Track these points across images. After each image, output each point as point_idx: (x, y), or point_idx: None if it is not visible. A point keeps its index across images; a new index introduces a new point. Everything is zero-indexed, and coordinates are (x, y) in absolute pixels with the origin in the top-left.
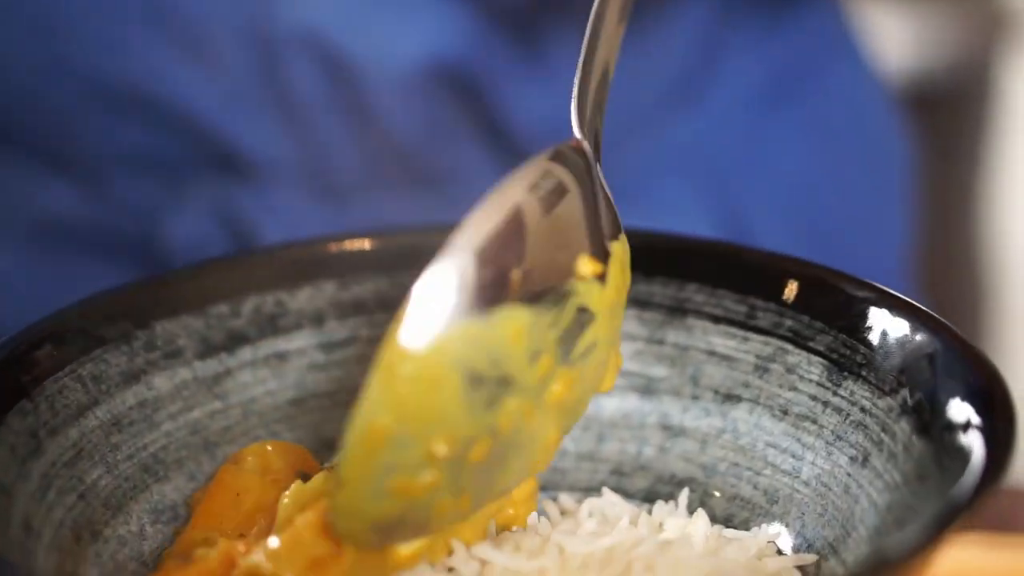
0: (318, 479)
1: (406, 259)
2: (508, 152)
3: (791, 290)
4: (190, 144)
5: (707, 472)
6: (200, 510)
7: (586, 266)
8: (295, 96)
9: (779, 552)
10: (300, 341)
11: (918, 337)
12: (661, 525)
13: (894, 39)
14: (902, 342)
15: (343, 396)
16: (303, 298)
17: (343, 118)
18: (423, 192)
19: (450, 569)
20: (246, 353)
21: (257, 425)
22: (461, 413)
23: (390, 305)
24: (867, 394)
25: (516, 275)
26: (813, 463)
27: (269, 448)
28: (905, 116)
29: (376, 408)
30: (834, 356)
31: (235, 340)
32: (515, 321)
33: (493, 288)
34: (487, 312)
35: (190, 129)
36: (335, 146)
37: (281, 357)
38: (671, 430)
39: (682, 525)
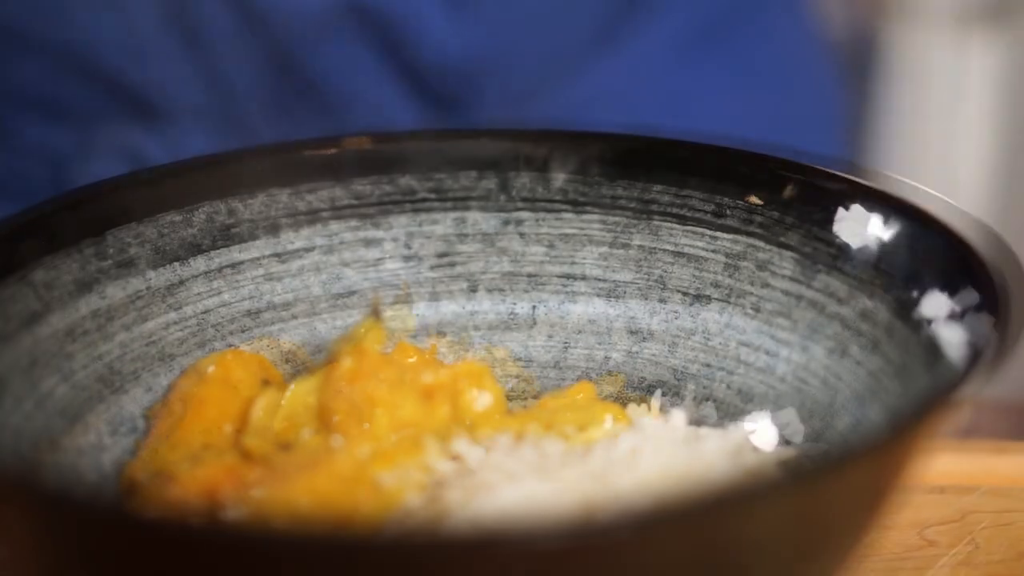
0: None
1: (360, 166)
2: (419, 90)
3: (760, 186)
4: (100, 90)
5: (678, 375)
6: (162, 424)
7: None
8: (205, 37)
9: (757, 449)
10: (255, 251)
11: (894, 226)
12: (636, 424)
13: None
14: (878, 231)
15: (300, 307)
16: (257, 206)
17: (254, 58)
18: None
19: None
20: (200, 263)
21: (214, 337)
22: None
23: (345, 214)
24: (843, 286)
25: None
26: (788, 359)
27: (230, 357)
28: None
29: None
30: (807, 250)
31: (188, 249)
32: None
33: None
34: None
35: (100, 74)
36: (246, 87)
37: (236, 267)
38: (639, 334)
39: (658, 424)
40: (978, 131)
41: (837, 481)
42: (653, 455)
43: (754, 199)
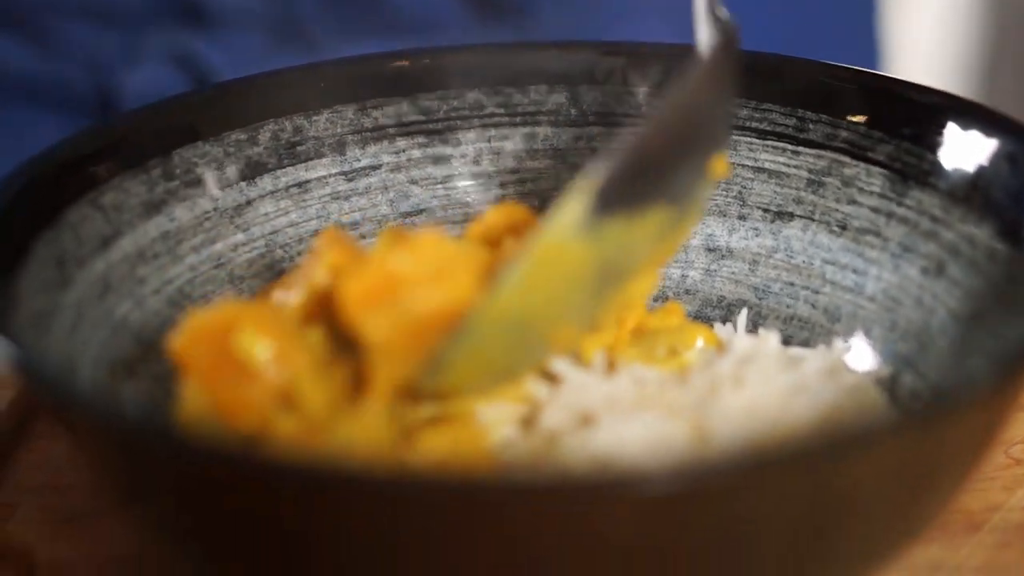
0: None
1: (428, 81)
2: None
3: (845, 99)
4: None
5: (759, 294)
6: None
7: (720, 168)
8: None
9: (853, 369)
10: (321, 169)
11: (993, 139)
12: (729, 347)
13: None
14: (975, 146)
15: (368, 227)
16: (322, 124)
17: None
18: (390, 40)
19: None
20: (267, 182)
21: (282, 258)
22: (583, 303)
23: (412, 131)
24: (938, 204)
25: (673, 173)
26: (879, 277)
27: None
28: None
29: (513, 289)
30: (897, 166)
31: (255, 168)
32: (657, 217)
33: (655, 185)
34: (643, 210)
35: None
36: None
37: (302, 186)
38: (717, 252)
39: (750, 345)
40: None
41: (954, 419)
42: (754, 379)
43: (844, 114)
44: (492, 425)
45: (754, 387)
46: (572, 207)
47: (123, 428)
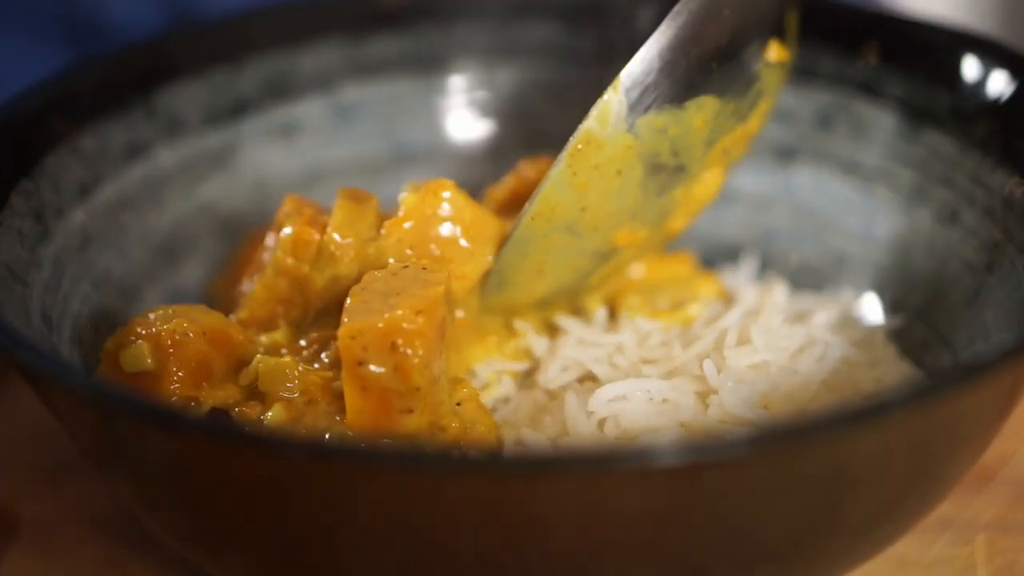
0: None
1: (421, 16)
2: None
3: (856, 33)
4: None
5: (766, 238)
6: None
7: (775, 53)
8: None
9: (864, 321)
10: (309, 108)
11: (1014, 79)
12: (735, 298)
13: None
14: (995, 85)
15: (362, 167)
16: (310, 60)
17: None
18: None
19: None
20: (253, 123)
21: (271, 206)
22: (637, 200)
23: (405, 66)
24: (953, 146)
25: (715, 65)
26: (889, 223)
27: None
28: None
29: (560, 189)
30: (910, 105)
31: (241, 107)
32: (704, 111)
33: (693, 77)
34: (682, 103)
35: None
36: None
37: (290, 127)
38: (724, 196)
39: (757, 297)
40: None
41: (971, 392)
42: (761, 336)
43: (855, 49)
44: (491, 382)
45: (761, 344)
46: (607, 103)
47: (97, 400)
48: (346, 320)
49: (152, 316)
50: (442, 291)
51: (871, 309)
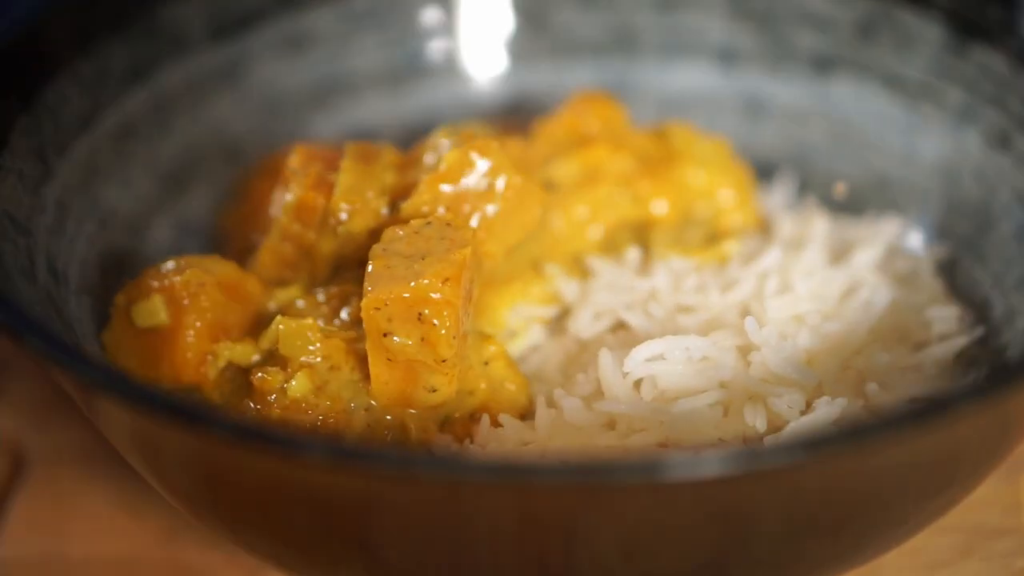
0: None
1: None
2: None
3: None
4: None
5: (802, 154)
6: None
7: None
8: None
9: (907, 253)
10: (321, 17)
11: None
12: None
13: None
14: None
15: (376, 81)
16: None
17: None
18: None
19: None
20: (262, 35)
21: (281, 126)
22: None
23: None
24: (1005, 64)
25: None
26: (934, 144)
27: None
28: None
29: None
30: (960, 17)
31: (248, 19)
32: None
33: None
34: None
35: None
36: None
37: (300, 38)
38: (757, 106)
39: (795, 231)
40: None
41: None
42: (802, 281)
43: None
44: (519, 331)
45: (803, 292)
46: None
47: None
48: (369, 288)
49: (165, 267)
50: (468, 252)
51: (916, 238)
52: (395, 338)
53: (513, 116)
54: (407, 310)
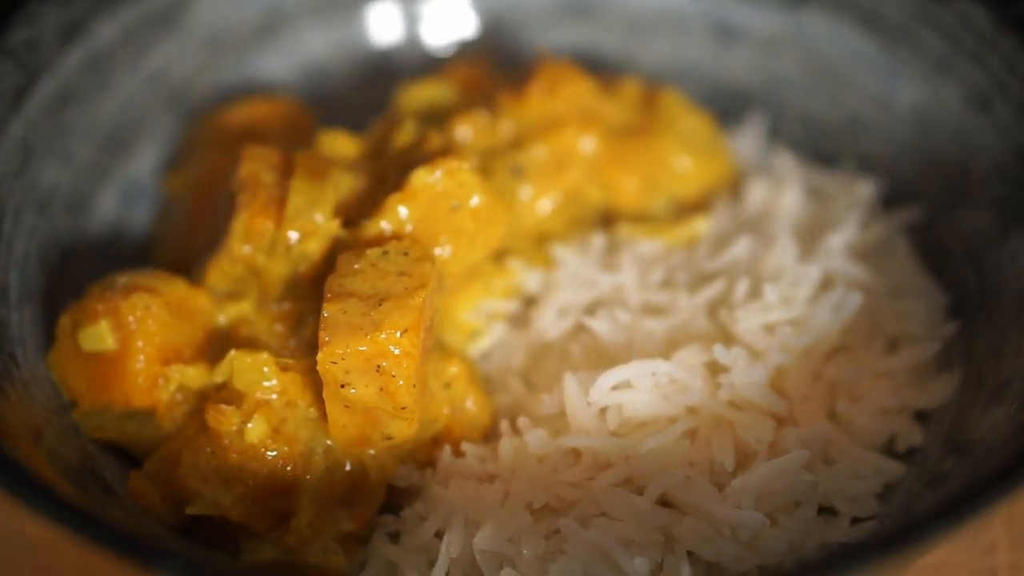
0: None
1: None
2: None
3: None
4: None
5: (773, 86)
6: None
7: None
8: None
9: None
10: None
11: None
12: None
13: None
14: None
15: (325, 7)
16: None
17: None
18: None
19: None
20: None
21: (227, 67)
22: None
23: None
24: (986, 18)
25: None
26: (911, 92)
27: (252, 107)
28: None
29: None
30: None
31: None
32: None
33: None
34: None
35: None
36: None
37: None
38: (728, 32)
39: (767, 185)
40: None
41: None
42: (774, 291)
43: None
44: (480, 330)
45: (773, 299)
46: None
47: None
48: (327, 339)
49: (110, 287)
50: (428, 292)
51: (891, 198)
52: (352, 390)
53: (473, 48)
54: (365, 363)
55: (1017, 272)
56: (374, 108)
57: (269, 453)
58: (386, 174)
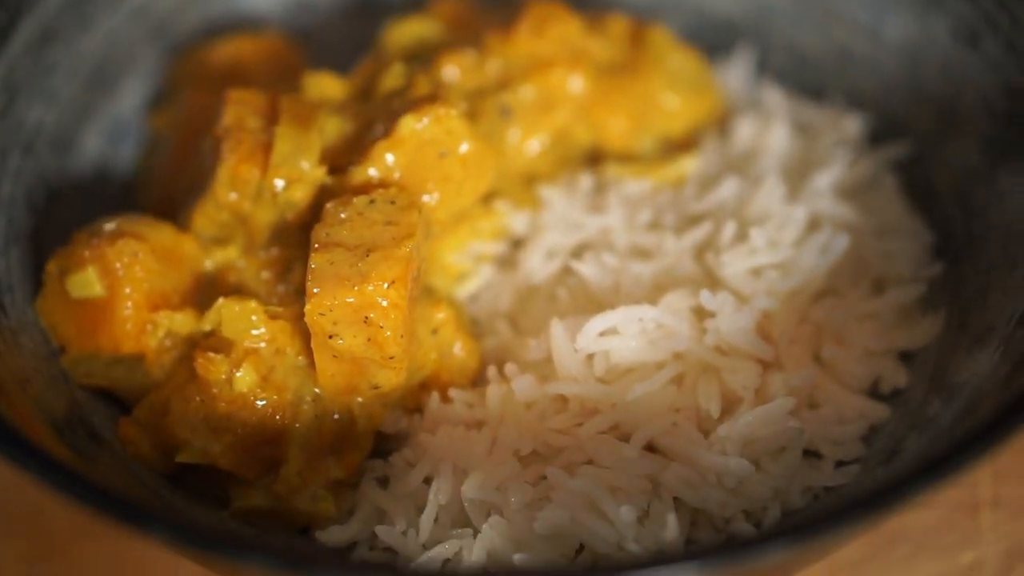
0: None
1: None
2: None
3: None
4: None
5: (761, 18)
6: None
7: None
8: None
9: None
10: None
11: None
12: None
13: None
14: None
15: None
16: None
17: None
18: None
19: None
20: None
21: (212, 1)
22: None
23: None
24: None
25: None
26: (899, 25)
27: (237, 43)
28: None
29: None
30: None
31: None
32: None
33: None
34: None
35: None
36: None
37: None
38: None
39: (752, 142)
40: None
41: None
42: (760, 235)
43: None
44: (468, 273)
45: (760, 243)
46: None
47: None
48: (314, 290)
49: (97, 233)
50: (414, 241)
51: (877, 133)
52: (340, 340)
53: None
54: (353, 314)
55: (1003, 211)
56: (361, 44)
57: (258, 402)
58: (374, 118)
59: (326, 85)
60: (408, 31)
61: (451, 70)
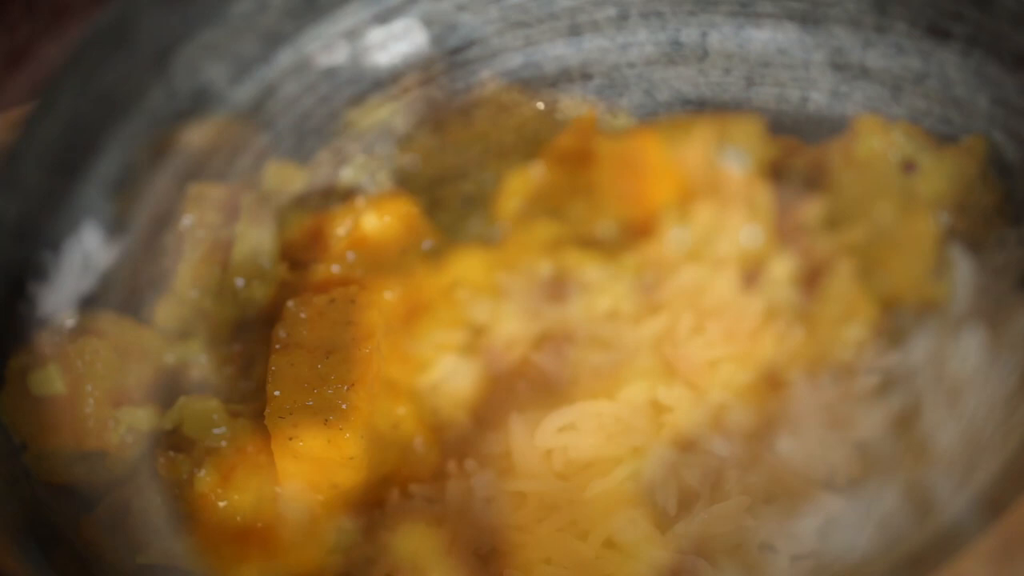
0: None
1: None
2: None
3: None
4: None
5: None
6: None
7: None
8: None
9: None
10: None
11: None
12: None
13: None
14: None
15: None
16: None
17: None
18: None
19: None
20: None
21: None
22: None
23: None
24: None
25: None
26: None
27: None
28: None
29: None
30: None
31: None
32: None
33: None
34: None
35: None
36: None
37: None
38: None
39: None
40: None
41: None
42: (717, 327)
43: None
44: (430, 361)
45: (715, 334)
46: None
47: None
48: (275, 392)
49: (58, 332)
50: (374, 342)
51: None
52: (300, 443)
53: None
54: (312, 416)
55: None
56: (324, 129)
57: (220, 503)
58: (335, 212)
59: (287, 175)
60: (371, 116)
61: (413, 158)
